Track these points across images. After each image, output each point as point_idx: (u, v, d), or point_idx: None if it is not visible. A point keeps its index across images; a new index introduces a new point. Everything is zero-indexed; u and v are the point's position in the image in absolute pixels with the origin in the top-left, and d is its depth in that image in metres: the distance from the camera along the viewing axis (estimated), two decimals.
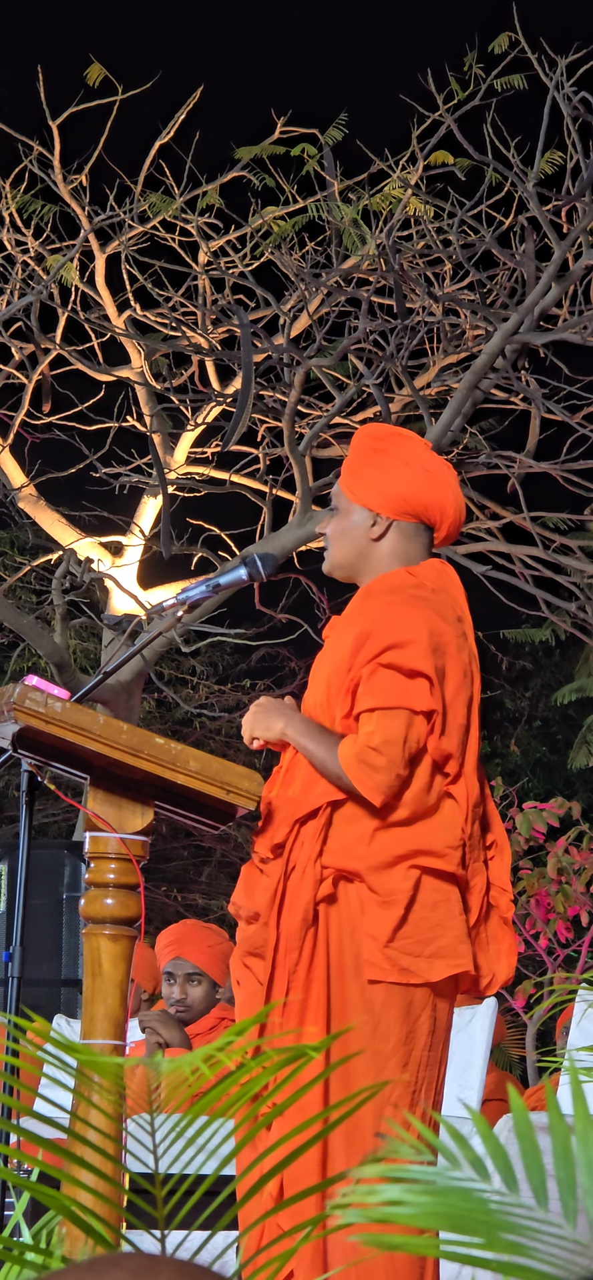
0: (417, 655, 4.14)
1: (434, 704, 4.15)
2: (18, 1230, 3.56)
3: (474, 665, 4.30)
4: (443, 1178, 1.80)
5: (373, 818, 4.15)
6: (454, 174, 12.80)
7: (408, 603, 4.23)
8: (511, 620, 18.16)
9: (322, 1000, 4.13)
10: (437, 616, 4.21)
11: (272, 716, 4.29)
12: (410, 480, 4.37)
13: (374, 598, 4.29)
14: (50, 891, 10.74)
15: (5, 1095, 4.05)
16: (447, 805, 4.19)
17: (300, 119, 13.25)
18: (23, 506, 13.94)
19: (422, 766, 4.15)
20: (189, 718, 18.82)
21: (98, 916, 4.03)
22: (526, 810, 11.44)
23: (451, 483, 4.42)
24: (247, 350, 12.08)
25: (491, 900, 4.30)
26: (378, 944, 4.10)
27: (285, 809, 4.20)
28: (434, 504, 4.39)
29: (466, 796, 4.20)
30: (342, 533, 4.43)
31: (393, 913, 4.10)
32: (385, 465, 4.40)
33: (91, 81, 12.97)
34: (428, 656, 4.15)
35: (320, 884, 4.15)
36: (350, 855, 4.14)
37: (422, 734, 4.15)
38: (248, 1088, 2.22)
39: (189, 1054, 2.23)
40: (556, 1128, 1.88)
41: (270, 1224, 3.97)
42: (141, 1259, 1.64)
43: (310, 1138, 2.17)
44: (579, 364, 12.81)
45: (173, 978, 6.95)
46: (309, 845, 4.15)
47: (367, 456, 4.43)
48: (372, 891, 4.12)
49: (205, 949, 6.93)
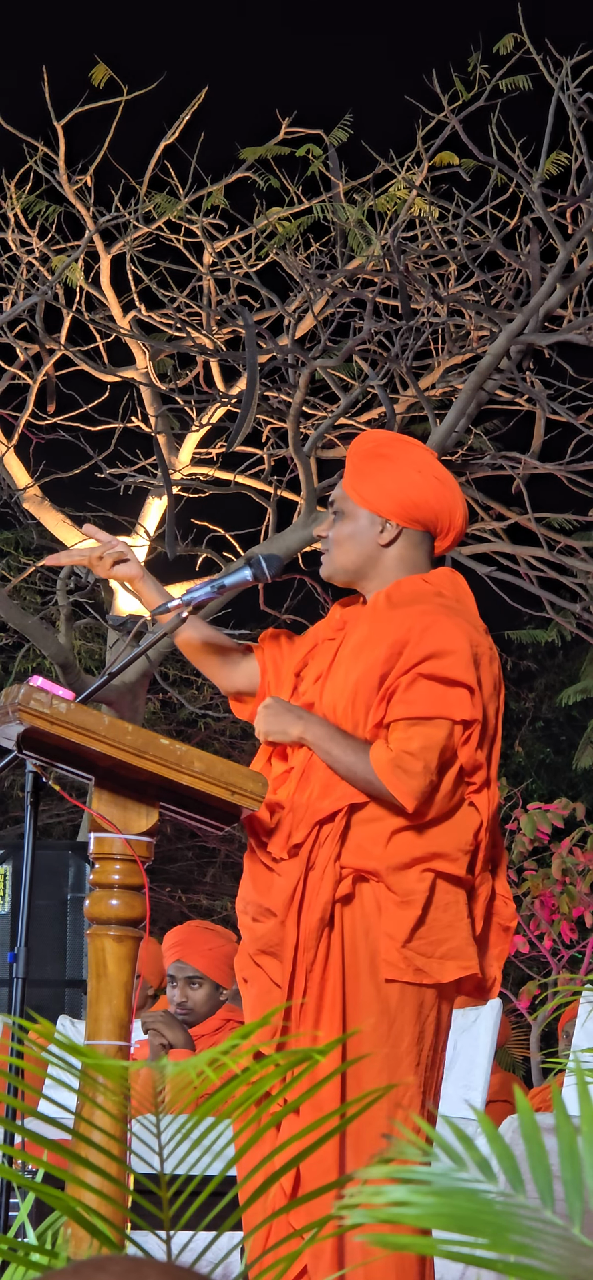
0: (459, 665, 4.15)
1: (475, 713, 4.16)
2: (23, 1231, 3.56)
3: (501, 677, 4.31)
4: (449, 1178, 1.80)
5: (390, 819, 4.15)
6: (459, 175, 12.80)
7: (443, 613, 4.22)
8: (515, 621, 18.16)
9: (337, 1000, 4.13)
10: (472, 628, 4.23)
11: (285, 720, 4.28)
12: (423, 487, 4.36)
13: (402, 607, 4.26)
14: (55, 892, 10.74)
15: (10, 1096, 4.04)
16: (463, 810, 4.20)
17: (305, 120, 13.26)
18: (27, 507, 13.94)
19: (449, 774, 4.16)
20: (194, 718, 18.82)
21: (102, 917, 4.02)
22: (530, 811, 11.44)
23: (459, 493, 4.42)
24: (251, 351, 12.08)
25: (493, 909, 4.32)
26: (396, 943, 4.11)
27: (303, 811, 4.19)
28: (445, 512, 4.38)
29: (488, 805, 4.21)
30: (348, 537, 4.40)
31: (411, 913, 4.11)
32: (396, 471, 4.37)
33: (97, 82, 12.98)
34: (470, 667, 4.15)
35: (339, 883, 4.15)
36: (368, 855, 4.14)
37: (457, 743, 4.16)
38: (254, 1089, 2.22)
39: (195, 1056, 2.23)
40: (561, 1129, 1.88)
41: (280, 1222, 3.97)
42: (127, 1262, 1.64)
43: (326, 1133, 2.16)
44: (584, 365, 12.82)
45: (175, 980, 6.96)
46: (329, 846, 4.15)
47: (375, 461, 4.40)
48: (390, 891, 4.13)
49: (206, 952, 6.93)
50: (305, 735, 4.24)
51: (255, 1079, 2.21)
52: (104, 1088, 2.35)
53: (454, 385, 13.47)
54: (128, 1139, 3.28)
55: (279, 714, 4.29)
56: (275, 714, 4.30)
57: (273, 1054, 2.21)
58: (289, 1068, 2.20)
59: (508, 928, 4.32)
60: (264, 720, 4.31)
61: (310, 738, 4.23)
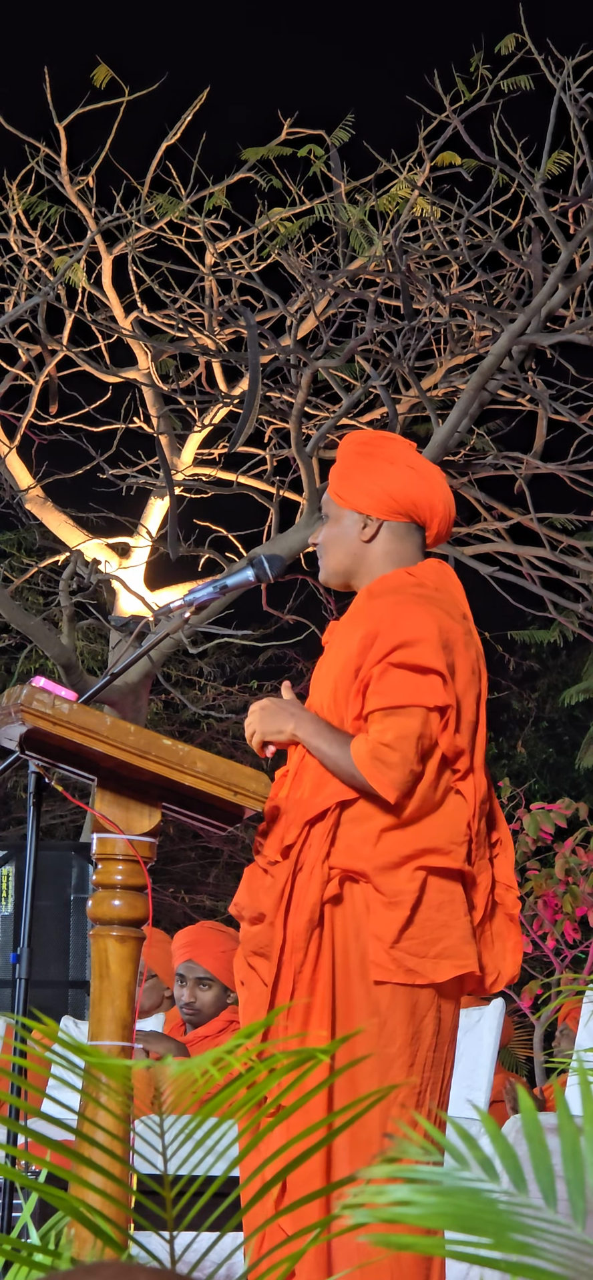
0: (428, 652, 4.15)
1: (448, 699, 4.16)
2: (26, 1231, 3.56)
3: (481, 662, 4.31)
4: (452, 1178, 1.80)
5: (379, 818, 4.14)
6: (461, 175, 12.80)
7: (414, 601, 4.23)
8: (518, 621, 18.17)
9: (327, 1002, 4.13)
10: (443, 614, 4.22)
11: (280, 719, 4.29)
12: (396, 478, 4.38)
13: (378, 598, 4.29)
14: (58, 893, 10.74)
15: (13, 1097, 4.05)
16: (452, 800, 4.19)
17: (307, 120, 13.26)
18: (30, 508, 13.95)
19: (431, 763, 4.16)
20: (196, 719, 18.82)
21: (105, 918, 4.03)
22: (533, 811, 11.44)
23: (438, 480, 4.43)
24: (253, 351, 12.09)
25: (496, 898, 4.30)
26: (384, 945, 4.10)
27: (295, 811, 4.20)
28: (423, 501, 4.39)
29: (474, 792, 4.20)
30: (334, 539, 4.44)
31: (399, 914, 4.10)
32: (371, 467, 4.41)
33: (98, 83, 12.98)
34: (439, 653, 4.15)
35: (327, 884, 4.15)
36: (357, 856, 4.13)
37: (435, 730, 4.16)
38: (255, 1091, 2.22)
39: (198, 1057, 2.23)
40: (565, 1128, 1.88)
41: (273, 1228, 3.97)
42: (118, 1267, 1.64)
43: (315, 1143, 2.16)
44: (586, 365, 12.83)
45: (184, 980, 6.96)
46: (318, 846, 4.15)
47: (353, 461, 4.45)
48: (378, 892, 4.12)
49: (218, 954, 6.94)
50: (298, 732, 4.25)
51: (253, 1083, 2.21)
52: (107, 1088, 2.35)
53: (456, 385, 13.47)
54: (131, 1139, 3.28)
55: (274, 713, 4.30)
56: (270, 714, 4.30)
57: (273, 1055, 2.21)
58: (288, 1070, 2.20)
59: (514, 916, 4.31)
60: (259, 720, 4.31)
61: (302, 734, 4.24)
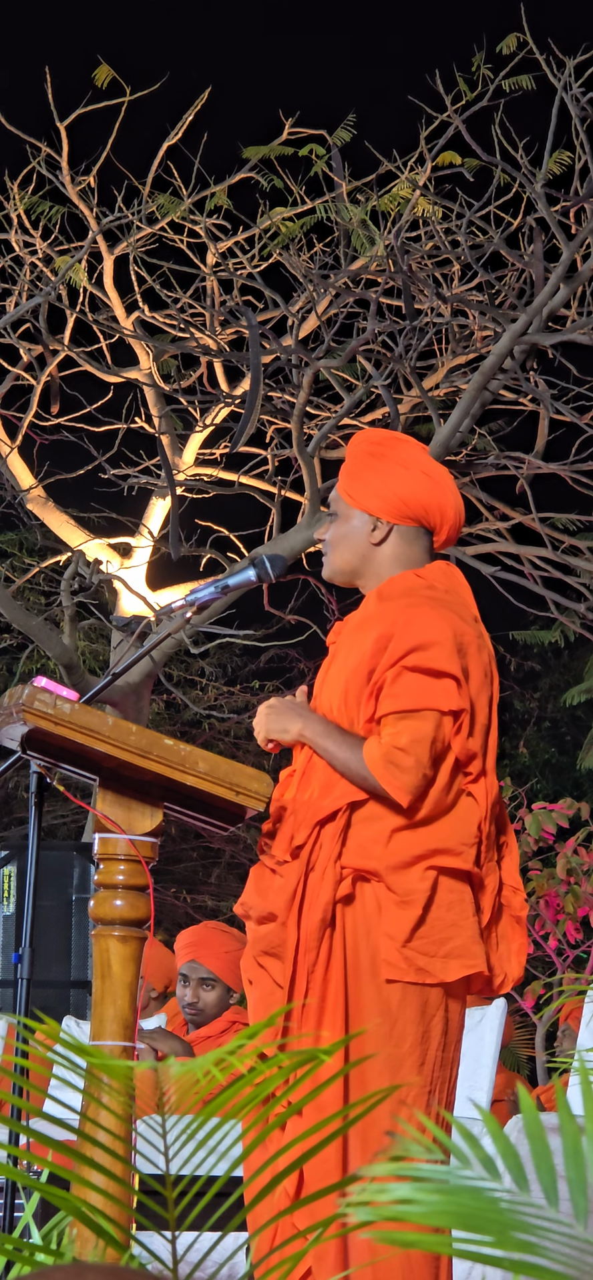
0: (442, 656, 4.15)
1: (462, 703, 4.16)
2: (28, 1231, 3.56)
3: (493, 665, 4.31)
4: (455, 1177, 1.80)
5: (391, 818, 4.15)
6: (463, 175, 12.80)
7: (427, 604, 4.23)
8: (519, 621, 18.17)
9: (339, 1001, 4.13)
10: (456, 617, 4.23)
11: (287, 718, 4.29)
12: (410, 483, 4.38)
13: (390, 601, 4.29)
14: (59, 893, 10.74)
15: (15, 1097, 4.05)
16: (463, 803, 4.20)
17: (308, 120, 13.26)
18: (31, 508, 13.95)
19: (444, 766, 4.16)
20: (198, 719, 18.82)
21: (107, 918, 4.03)
22: (535, 811, 11.44)
23: (450, 486, 4.44)
24: (255, 351, 12.09)
25: (502, 900, 4.31)
26: (396, 944, 4.11)
27: (304, 811, 4.20)
28: (434, 507, 4.40)
29: (486, 795, 4.21)
30: (342, 538, 4.44)
31: (411, 912, 4.11)
32: (384, 469, 4.41)
33: (99, 83, 12.98)
34: (453, 657, 4.16)
35: (340, 884, 4.15)
36: (369, 855, 4.14)
37: (448, 734, 4.16)
38: (260, 1090, 2.22)
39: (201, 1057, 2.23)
40: (566, 1128, 1.88)
41: (285, 1223, 3.98)
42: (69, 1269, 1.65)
43: (320, 1140, 2.16)
44: (588, 365, 12.83)
45: (187, 980, 6.96)
46: (329, 846, 4.16)
47: (365, 461, 4.44)
48: (390, 891, 4.13)
49: (222, 955, 6.94)
50: (305, 732, 4.25)
51: (260, 1080, 2.21)
52: (109, 1088, 2.35)
53: (458, 385, 13.47)
54: (133, 1139, 3.28)
55: (281, 713, 4.30)
56: (277, 713, 4.31)
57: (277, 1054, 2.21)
58: (293, 1069, 2.20)
59: (520, 918, 4.31)
60: (266, 719, 4.32)
61: (309, 735, 4.24)
